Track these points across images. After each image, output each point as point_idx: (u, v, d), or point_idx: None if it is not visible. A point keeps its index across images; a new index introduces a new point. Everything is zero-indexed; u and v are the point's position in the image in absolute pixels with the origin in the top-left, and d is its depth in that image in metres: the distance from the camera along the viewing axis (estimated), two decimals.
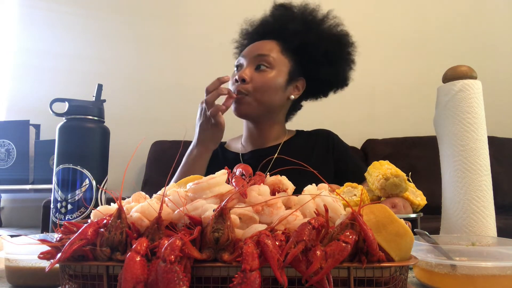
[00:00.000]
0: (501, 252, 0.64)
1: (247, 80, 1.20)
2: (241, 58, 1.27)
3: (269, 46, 1.25)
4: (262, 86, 1.21)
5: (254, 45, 1.27)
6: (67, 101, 0.90)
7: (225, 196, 0.55)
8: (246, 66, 1.24)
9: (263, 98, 1.22)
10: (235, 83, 1.23)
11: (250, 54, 1.24)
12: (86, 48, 2.73)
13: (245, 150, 1.34)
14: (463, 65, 0.87)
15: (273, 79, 1.22)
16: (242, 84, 1.21)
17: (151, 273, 0.43)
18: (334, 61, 1.30)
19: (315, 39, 1.26)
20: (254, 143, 1.33)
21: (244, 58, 1.26)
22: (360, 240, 0.47)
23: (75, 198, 0.86)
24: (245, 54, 1.26)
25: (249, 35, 1.37)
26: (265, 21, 1.33)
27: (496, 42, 2.82)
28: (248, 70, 1.22)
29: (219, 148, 1.40)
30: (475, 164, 0.82)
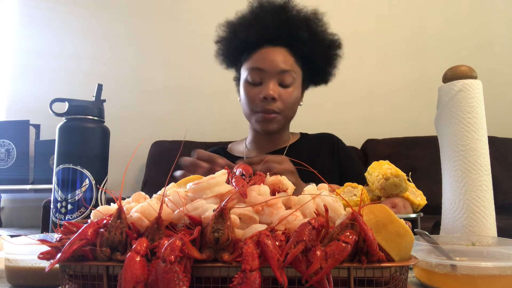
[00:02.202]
0: (501, 252, 0.64)
1: (276, 98, 1.20)
2: (260, 72, 1.21)
3: (287, 59, 1.23)
4: (289, 104, 1.23)
5: (272, 58, 1.21)
6: (67, 101, 0.90)
7: (225, 196, 0.55)
8: (269, 82, 1.20)
9: (289, 114, 1.27)
10: (264, 100, 1.20)
11: (272, 69, 1.20)
12: (86, 48, 2.73)
13: (250, 154, 1.34)
14: (463, 65, 0.87)
15: (296, 94, 1.25)
16: (273, 103, 1.20)
17: (151, 273, 0.43)
18: (330, 64, 1.33)
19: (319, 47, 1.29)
20: (261, 147, 1.34)
21: (265, 72, 1.21)
22: (360, 240, 0.47)
23: (75, 198, 0.86)
24: (265, 68, 1.20)
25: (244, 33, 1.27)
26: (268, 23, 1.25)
27: (496, 42, 2.82)
28: (273, 86, 1.20)
29: (221, 152, 1.41)
30: (475, 164, 0.82)
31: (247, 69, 1.24)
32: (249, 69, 1.23)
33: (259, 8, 1.28)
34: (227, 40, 1.32)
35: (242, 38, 1.27)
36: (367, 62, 2.74)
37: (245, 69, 1.26)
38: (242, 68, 1.29)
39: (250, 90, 1.23)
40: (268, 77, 1.21)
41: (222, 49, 1.34)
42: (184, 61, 2.75)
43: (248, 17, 1.29)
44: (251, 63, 1.24)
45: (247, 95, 1.24)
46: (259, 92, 1.21)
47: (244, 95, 1.25)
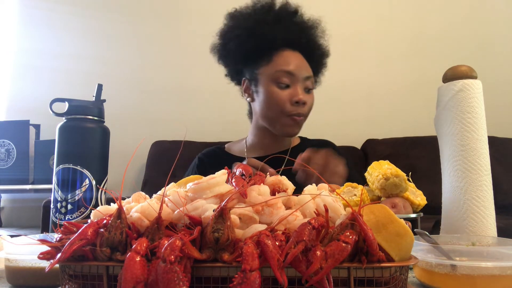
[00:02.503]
0: (501, 252, 0.64)
1: (306, 103, 1.24)
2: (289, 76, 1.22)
3: (307, 64, 1.27)
4: (310, 108, 1.27)
5: (299, 62, 1.24)
6: (67, 101, 0.90)
7: (225, 196, 0.55)
8: (297, 86, 1.23)
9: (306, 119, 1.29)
10: (295, 104, 1.22)
11: (300, 74, 1.23)
12: (86, 48, 2.73)
13: (250, 155, 1.34)
14: (463, 65, 0.87)
15: (313, 99, 1.29)
16: (302, 107, 1.23)
17: (151, 273, 0.43)
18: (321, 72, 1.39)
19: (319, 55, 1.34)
20: (266, 149, 1.33)
21: (293, 76, 1.22)
22: (360, 240, 0.47)
23: (75, 198, 0.86)
24: (295, 72, 1.22)
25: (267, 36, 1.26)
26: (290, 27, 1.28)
27: (496, 42, 2.82)
28: (302, 91, 1.23)
29: (219, 152, 1.40)
30: (475, 164, 0.82)
31: (275, 71, 1.23)
32: (278, 72, 1.23)
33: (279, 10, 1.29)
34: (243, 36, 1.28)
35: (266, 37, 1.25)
36: (367, 62, 2.74)
37: (270, 71, 1.24)
38: (263, 69, 1.26)
39: (279, 93, 1.22)
40: (296, 81, 1.23)
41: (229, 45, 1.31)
42: (184, 61, 2.75)
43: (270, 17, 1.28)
44: (278, 65, 1.23)
45: (275, 98, 1.22)
46: (289, 96, 1.22)
47: (271, 98, 1.23)
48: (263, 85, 1.25)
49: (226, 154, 1.39)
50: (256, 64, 1.28)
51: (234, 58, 1.33)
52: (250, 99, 1.32)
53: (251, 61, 1.30)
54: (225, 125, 2.65)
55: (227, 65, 1.38)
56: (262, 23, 1.27)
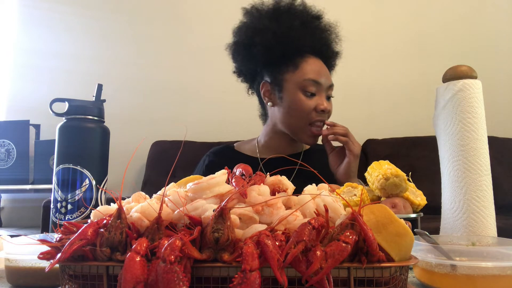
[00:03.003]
0: (501, 252, 0.64)
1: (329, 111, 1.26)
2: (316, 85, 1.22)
3: (328, 72, 1.28)
4: (330, 116, 1.28)
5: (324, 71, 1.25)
6: (67, 101, 0.90)
7: (225, 196, 0.55)
8: (323, 95, 1.23)
9: None
10: (321, 113, 1.23)
11: (326, 83, 1.23)
12: (86, 48, 2.73)
13: (263, 155, 1.33)
14: (463, 65, 0.87)
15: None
16: (326, 115, 1.25)
17: (151, 273, 0.43)
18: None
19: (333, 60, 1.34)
20: (280, 151, 1.31)
21: (320, 85, 1.22)
22: (360, 240, 0.47)
23: (75, 198, 0.86)
24: (321, 81, 1.22)
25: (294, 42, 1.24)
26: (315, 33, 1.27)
27: (496, 42, 2.82)
28: (325, 99, 1.24)
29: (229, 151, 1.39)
30: (475, 164, 0.82)
31: (303, 79, 1.22)
32: (306, 80, 1.21)
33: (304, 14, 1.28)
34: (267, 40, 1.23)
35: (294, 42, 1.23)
36: (367, 62, 2.74)
37: (298, 79, 1.22)
38: (289, 75, 1.24)
39: (306, 101, 1.22)
40: (321, 90, 1.23)
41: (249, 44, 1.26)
42: (184, 61, 2.75)
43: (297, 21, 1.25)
44: (306, 74, 1.22)
45: (301, 106, 1.22)
46: (314, 104, 1.22)
47: (297, 106, 1.22)
48: (289, 92, 1.23)
49: (237, 153, 1.37)
50: (280, 69, 1.26)
51: (255, 59, 1.29)
52: (271, 104, 1.29)
53: (276, 65, 1.27)
54: (225, 125, 2.65)
55: (242, 64, 1.33)
56: (290, 27, 1.24)
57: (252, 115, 1.48)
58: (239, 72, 1.37)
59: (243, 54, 1.30)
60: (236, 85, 1.43)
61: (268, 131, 1.35)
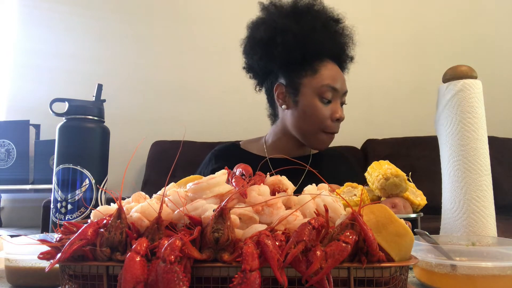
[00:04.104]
0: (501, 252, 0.64)
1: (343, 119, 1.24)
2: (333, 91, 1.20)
3: (344, 78, 1.25)
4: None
5: (341, 77, 1.23)
6: (67, 101, 0.90)
7: (225, 196, 0.55)
8: (338, 102, 1.22)
9: None
10: (336, 122, 1.21)
11: (342, 90, 1.22)
12: (86, 48, 2.73)
13: (270, 155, 1.30)
14: (463, 65, 0.87)
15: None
16: (339, 124, 1.23)
17: (151, 273, 0.43)
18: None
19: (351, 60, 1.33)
20: (287, 152, 1.27)
21: (337, 92, 1.20)
22: (360, 240, 0.47)
23: (75, 198, 0.86)
24: (338, 88, 1.20)
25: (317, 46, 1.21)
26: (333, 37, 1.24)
27: (496, 42, 2.82)
28: (340, 107, 1.23)
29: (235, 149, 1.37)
30: (475, 164, 0.82)
31: (321, 85, 1.19)
32: (324, 86, 1.19)
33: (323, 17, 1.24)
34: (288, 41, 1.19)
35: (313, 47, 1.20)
36: (367, 62, 2.73)
37: (316, 84, 1.19)
38: (307, 80, 1.20)
39: (322, 108, 1.20)
40: (338, 97, 1.22)
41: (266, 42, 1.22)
42: (184, 61, 2.76)
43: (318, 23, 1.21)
44: (324, 79, 1.19)
45: (317, 113, 1.19)
46: (330, 112, 1.20)
47: (312, 112, 1.20)
48: (306, 97, 1.20)
49: (244, 152, 1.35)
50: (299, 72, 1.22)
51: (273, 59, 1.24)
52: (285, 107, 1.25)
53: (294, 68, 1.23)
54: (225, 125, 2.65)
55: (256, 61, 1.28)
56: (312, 29, 1.20)
57: (252, 115, 1.48)
58: (250, 68, 1.33)
59: (260, 52, 1.25)
60: (236, 85, 1.43)
61: (277, 131, 1.32)
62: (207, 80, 2.70)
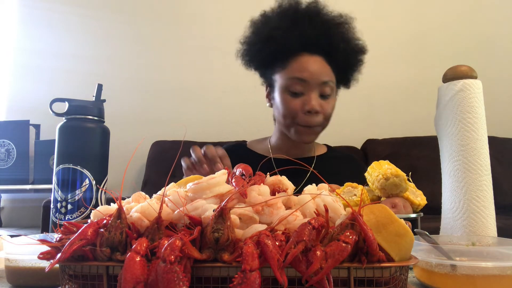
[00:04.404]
0: (501, 252, 0.64)
1: (319, 112, 1.18)
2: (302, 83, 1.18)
3: (326, 69, 1.20)
4: (328, 115, 1.22)
5: (314, 68, 1.18)
6: (67, 101, 0.90)
7: (225, 196, 0.55)
8: (312, 93, 1.17)
9: (327, 125, 1.26)
10: (307, 114, 1.17)
11: (315, 80, 1.17)
12: (86, 48, 2.73)
13: (275, 156, 1.31)
14: (463, 65, 0.87)
15: (333, 104, 1.24)
16: (316, 116, 1.18)
17: (151, 273, 0.43)
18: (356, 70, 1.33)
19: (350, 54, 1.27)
20: (288, 153, 1.29)
21: (306, 83, 1.17)
22: (360, 240, 0.47)
23: (75, 198, 0.86)
24: (308, 79, 1.17)
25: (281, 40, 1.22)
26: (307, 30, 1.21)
27: (496, 42, 2.82)
28: (316, 99, 1.17)
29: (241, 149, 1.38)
30: (475, 164, 0.82)
31: (288, 78, 1.19)
32: (290, 79, 1.19)
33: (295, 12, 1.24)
34: (259, 42, 1.25)
35: (279, 43, 1.21)
36: (367, 62, 2.74)
37: (284, 78, 1.21)
38: (278, 75, 1.23)
39: (291, 101, 1.19)
40: (310, 89, 1.17)
41: (250, 51, 1.28)
42: (184, 61, 2.76)
43: (285, 21, 1.23)
44: (292, 72, 1.19)
45: (287, 107, 1.19)
46: (301, 104, 1.18)
47: (283, 106, 1.20)
48: (278, 92, 1.22)
49: (248, 151, 1.37)
50: (272, 69, 1.25)
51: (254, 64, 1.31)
52: (269, 105, 1.30)
53: (269, 66, 1.27)
54: (225, 125, 2.65)
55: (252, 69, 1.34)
56: (277, 28, 1.22)
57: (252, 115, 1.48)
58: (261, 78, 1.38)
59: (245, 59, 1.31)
60: (236, 85, 1.43)
61: (275, 131, 1.35)
62: (207, 80, 2.70)
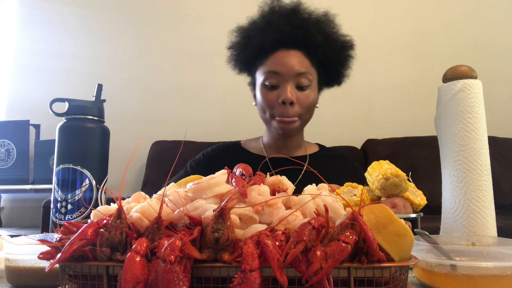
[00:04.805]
0: (501, 252, 0.64)
1: (295, 102, 1.19)
2: (276, 76, 1.20)
3: (302, 61, 1.22)
4: (307, 107, 1.23)
5: (288, 61, 1.21)
6: (67, 101, 0.90)
7: (225, 196, 0.55)
8: (286, 85, 1.19)
9: (307, 118, 1.27)
10: (281, 104, 1.19)
11: (288, 72, 1.19)
12: (86, 48, 2.73)
13: (269, 154, 1.33)
14: (463, 65, 0.87)
15: (313, 97, 1.25)
16: (291, 107, 1.19)
17: (151, 273, 0.43)
18: (343, 65, 1.33)
19: (331, 48, 1.28)
20: (279, 151, 1.32)
21: (280, 75, 1.20)
22: (360, 240, 0.47)
23: (75, 198, 0.86)
24: (281, 71, 1.20)
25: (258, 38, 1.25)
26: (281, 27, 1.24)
27: (496, 42, 2.82)
28: (291, 90, 1.19)
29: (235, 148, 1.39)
30: (475, 164, 0.82)
31: (263, 73, 1.23)
32: (265, 73, 1.22)
33: (271, 13, 1.27)
34: (241, 45, 1.30)
35: (256, 43, 1.25)
36: (368, 62, 2.73)
37: (261, 73, 1.24)
38: (258, 73, 1.27)
39: (267, 94, 1.21)
40: (285, 81, 1.20)
41: (235, 55, 1.33)
42: (184, 61, 2.76)
43: (261, 22, 1.27)
44: (267, 67, 1.22)
45: (264, 100, 1.22)
46: (277, 96, 1.20)
47: (262, 100, 1.23)
48: (257, 88, 1.26)
49: (242, 150, 1.38)
50: (254, 69, 1.30)
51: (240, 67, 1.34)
52: (254, 104, 1.32)
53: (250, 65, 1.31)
54: (225, 125, 2.65)
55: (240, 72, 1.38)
56: (254, 29, 1.27)
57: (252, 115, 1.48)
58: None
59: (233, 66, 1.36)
60: (236, 85, 1.43)
61: (265, 130, 1.37)
62: (207, 80, 2.70)
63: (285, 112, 1.20)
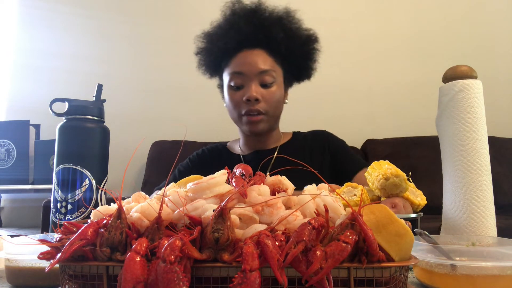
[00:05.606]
0: (501, 252, 0.64)
1: (259, 99, 1.22)
2: (240, 76, 1.23)
3: (265, 59, 1.24)
4: (273, 103, 1.25)
5: (251, 60, 1.23)
6: (67, 101, 0.90)
7: (225, 196, 0.55)
8: (250, 84, 1.22)
9: (275, 113, 1.28)
10: (247, 102, 1.21)
11: (251, 71, 1.22)
12: (86, 48, 2.73)
13: (245, 153, 1.38)
14: (463, 65, 0.87)
15: (278, 93, 1.26)
16: (257, 104, 1.22)
17: (151, 273, 0.43)
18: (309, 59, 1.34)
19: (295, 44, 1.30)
20: (253, 148, 1.37)
21: (244, 75, 1.23)
22: (360, 240, 0.47)
23: (75, 198, 0.86)
24: (244, 71, 1.22)
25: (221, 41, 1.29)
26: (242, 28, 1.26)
27: (496, 42, 2.82)
28: (255, 88, 1.21)
29: (222, 149, 1.44)
30: (475, 164, 0.82)
31: (228, 74, 1.26)
32: (230, 74, 1.25)
33: (232, 15, 1.30)
34: (206, 50, 1.34)
35: (220, 46, 1.29)
36: (368, 62, 2.74)
37: (227, 75, 1.27)
38: (224, 75, 1.30)
39: (233, 95, 1.25)
40: (249, 80, 1.23)
41: (203, 60, 1.37)
42: (184, 61, 2.74)
43: (224, 24, 1.30)
44: (231, 68, 1.25)
45: (231, 100, 1.26)
46: (242, 95, 1.23)
47: (229, 100, 1.27)
48: (225, 90, 1.30)
49: (227, 151, 1.42)
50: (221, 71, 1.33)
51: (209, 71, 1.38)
52: (224, 105, 1.36)
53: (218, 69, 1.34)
54: (225, 125, 2.63)
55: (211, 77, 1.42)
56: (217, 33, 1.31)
57: None
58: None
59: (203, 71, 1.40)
60: None
61: (238, 130, 1.40)
62: (207, 80, 2.70)
63: (250, 110, 1.22)
